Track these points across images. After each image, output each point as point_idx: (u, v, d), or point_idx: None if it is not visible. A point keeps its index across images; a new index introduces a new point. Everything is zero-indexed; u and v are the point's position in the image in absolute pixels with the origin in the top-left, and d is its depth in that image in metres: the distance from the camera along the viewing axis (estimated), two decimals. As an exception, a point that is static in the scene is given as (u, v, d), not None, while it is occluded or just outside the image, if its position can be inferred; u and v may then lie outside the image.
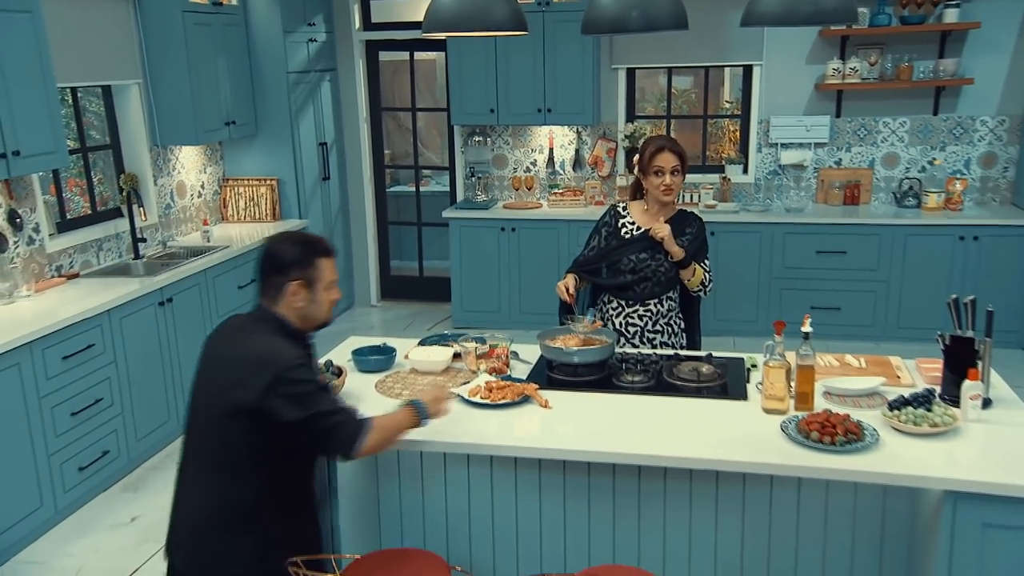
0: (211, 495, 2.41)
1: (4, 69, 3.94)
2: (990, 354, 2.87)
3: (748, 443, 2.69)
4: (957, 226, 5.83)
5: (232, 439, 2.37)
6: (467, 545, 3.15)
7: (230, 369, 2.40)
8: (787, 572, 2.95)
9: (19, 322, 3.93)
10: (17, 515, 3.79)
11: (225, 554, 2.41)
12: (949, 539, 2.52)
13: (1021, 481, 2.43)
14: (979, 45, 6.02)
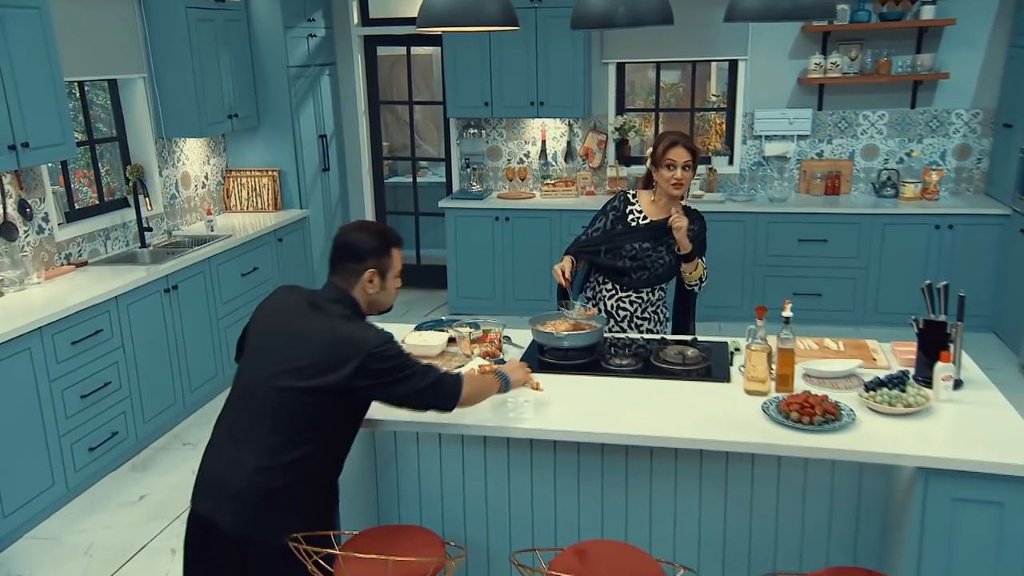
0: (269, 459, 2.39)
1: (13, 63, 3.92)
2: (961, 337, 2.88)
3: (731, 423, 2.70)
4: (933, 215, 5.83)
5: (303, 410, 2.39)
6: (461, 522, 3.16)
7: (320, 347, 2.40)
8: (767, 546, 2.96)
9: (30, 308, 3.93)
10: (30, 493, 3.80)
11: (276, 515, 2.42)
12: (921, 513, 2.53)
13: (989, 458, 2.45)
14: (954, 41, 6.02)
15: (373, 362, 2.36)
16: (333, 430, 2.48)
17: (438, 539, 2.60)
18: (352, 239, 2.55)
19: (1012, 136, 5.72)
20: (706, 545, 3.01)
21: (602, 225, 3.60)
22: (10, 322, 3.72)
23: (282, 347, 2.44)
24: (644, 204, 3.57)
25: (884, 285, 5.95)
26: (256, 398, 2.44)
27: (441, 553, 2.52)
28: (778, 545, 2.96)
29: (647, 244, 3.50)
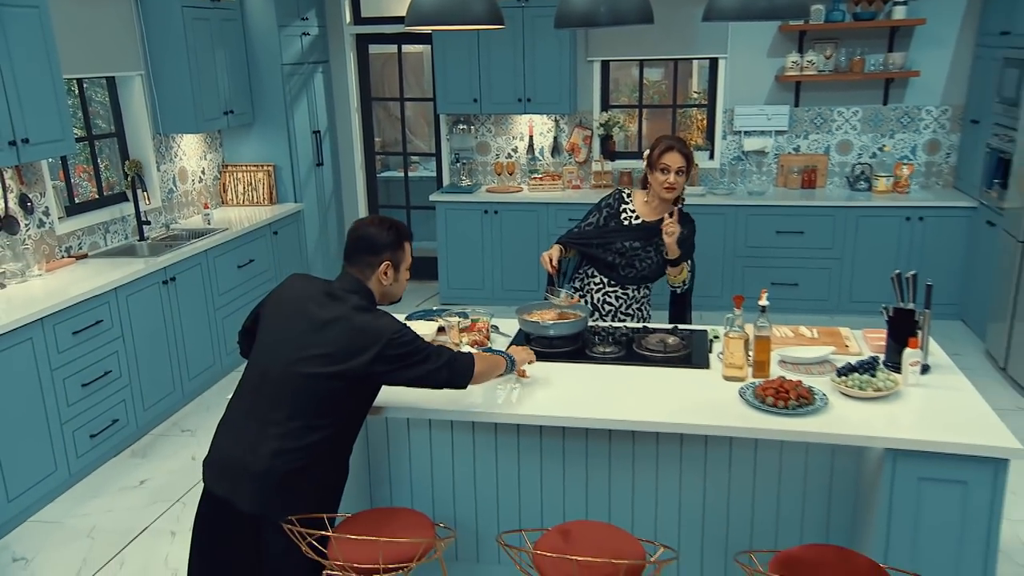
0: (288, 442, 2.42)
1: (13, 61, 3.88)
2: (929, 324, 2.91)
3: (709, 408, 2.72)
4: (904, 208, 5.85)
5: (322, 395, 2.43)
6: (451, 504, 3.18)
7: (338, 336, 2.43)
8: (744, 526, 2.99)
9: (31, 300, 3.91)
10: (33, 479, 3.80)
11: (292, 494, 2.45)
12: (889, 492, 2.56)
13: (953, 439, 2.48)
14: (924, 40, 6.03)
15: (391, 348, 2.41)
16: (349, 414, 2.53)
17: (428, 521, 2.61)
18: (369, 233, 2.58)
19: (979, 132, 5.75)
20: (686, 525, 3.03)
21: (595, 220, 3.60)
22: (12, 313, 3.70)
23: (302, 335, 2.47)
24: (638, 204, 3.56)
25: (858, 275, 5.97)
26: (274, 384, 2.46)
27: (431, 534, 2.52)
28: (754, 524, 2.98)
29: (636, 243, 3.50)
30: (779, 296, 5.01)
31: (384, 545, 2.40)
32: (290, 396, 2.43)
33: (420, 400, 2.81)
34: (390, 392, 2.79)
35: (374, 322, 2.46)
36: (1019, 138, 4.93)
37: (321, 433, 2.45)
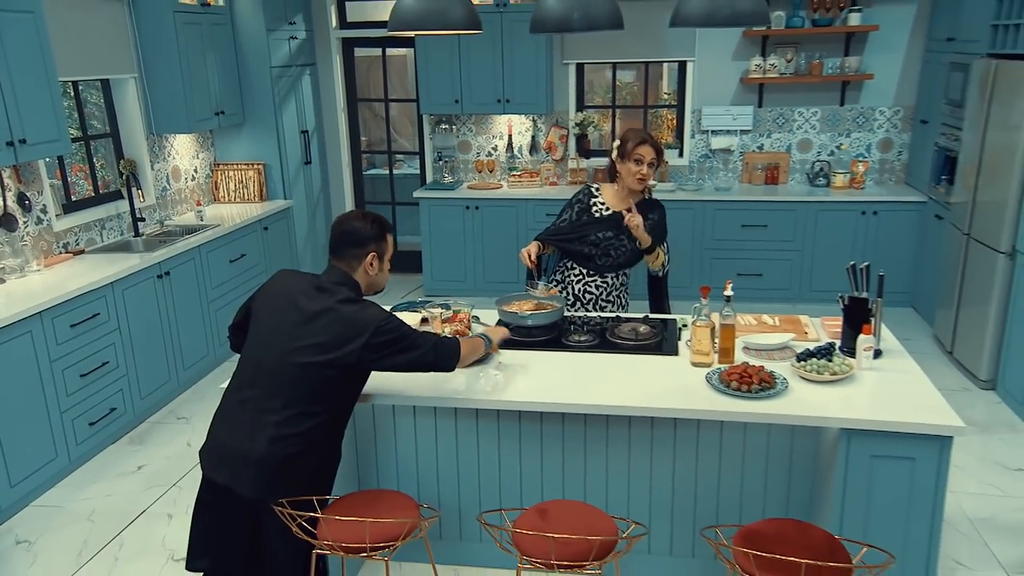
0: (285, 429, 2.42)
1: (9, 65, 3.83)
2: (881, 312, 2.95)
3: (678, 393, 2.73)
4: (859, 203, 5.90)
5: (316, 384, 2.43)
6: (435, 486, 3.18)
7: (328, 327, 2.43)
8: (711, 502, 3.01)
9: (30, 294, 3.87)
10: (35, 465, 3.77)
11: (289, 478, 2.46)
12: (844, 469, 2.59)
13: (903, 419, 2.51)
14: (878, 45, 6.06)
15: (379, 336, 2.42)
16: (341, 400, 2.53)
17: (413, 502, 2.61)
18: (354, 227, 2.57)
19: (928, 131, 5.80)
20: (656, 502, 3.05)
21: (568, 216, 3.59)
22: (12, 307, 3.67)
23: (293, 327, 2.46)
24: (607, 196, 3.56)
25: (817, 265, 6.01)
26: (269, 374, 2.46)
27: (415, 515, 2.52)
28: (720, 500, 3.01)
29: (610, 233, 3.49)
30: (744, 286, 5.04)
31: (371, 525, 2.41)
32: (285, 386, 2.43)
33: (405, 388, 2.81)
34: (376, 380, 2.78)
35: (362, 312, 2.46)
36: (964, 137, 4.99)
37: (316, 419, 2.45)
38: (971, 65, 4.97)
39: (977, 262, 4.76)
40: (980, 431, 4.22)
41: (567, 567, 2.30)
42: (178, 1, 5.21)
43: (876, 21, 5.91)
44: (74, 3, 4.67)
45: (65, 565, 3.35)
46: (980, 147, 4.75)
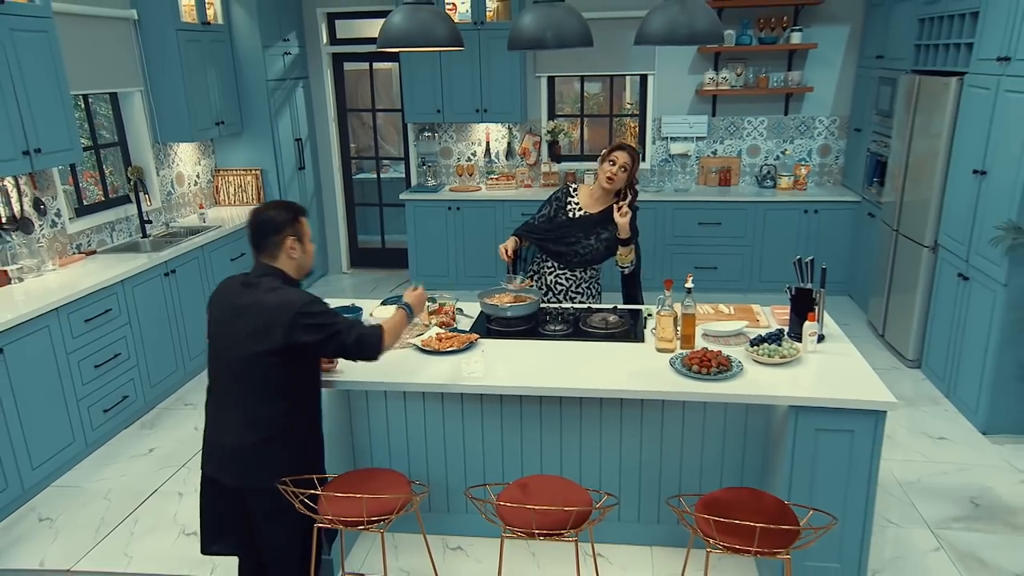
0: (248, 417, 2.38)
1: (25, 80, 3.76)
2: (823, 301, 2.98)
3: (645, 376, 2.74)
4: (802, 202, 5.92)
5: (265, 373, 2.35)
6: (424, 464, 3.17)
7: (254, 318, 2.34)
8: (674, 474, 3.03)
9: (47, 292, 3.80)
10: (54, 448, 3.72)
11: (264, 465, 2.40)
12: (792, 442, 2.62)
13: (843, 396, 2.55)
14: (817, 61, 6.10)
15: (302, 319, 2.32)
16: (295, 387, 2.43)
17: (405, 479, 2.59)
18: (267, 217, 2.45)
19: (861, 138, 5.86)
20: (625, 475, 3.06)
21: (547, 212, 3.57)
22: (31, 304, 3.60)
23: (231, 324, 2.39)
24: (582, 197, 3.54)
25: (766, 259, 6.04)
26: (227, 371, 2.41)
27: (407, 490, 2.52)
28: (683, 472, 3.03)
29: (581, 233, 3.48)
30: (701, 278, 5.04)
31: (368, 501, 2.40)
32: (241, 379, 2.38)
33: (393, 373, 2.79)
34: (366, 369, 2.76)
35: (286, 294, 2.37)
36: (892, 144, 5.04)
37: (276, 406, 2.39)
38: (898, 80, 5.03)
39: (904, 255, 4.82)
40: (907, 405, 4.30)
41: (547, 535, 2.30)
42: (180, 20, 5.12)
43: (815, 40, 5.96)
44: (84, 22, 4.57)
45: (84, 540, 3.31)
46: (906, 153, 4.81)
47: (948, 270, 4.33)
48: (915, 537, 3.19)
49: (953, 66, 4.37)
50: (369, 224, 7.45)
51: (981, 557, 3.07)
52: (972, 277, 4.07)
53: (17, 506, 3.54)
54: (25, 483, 3.55)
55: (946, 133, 4.32)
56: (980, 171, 3.99)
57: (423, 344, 2.99)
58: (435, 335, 3.05)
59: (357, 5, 6.48)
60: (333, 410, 2.98)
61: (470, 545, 3.17)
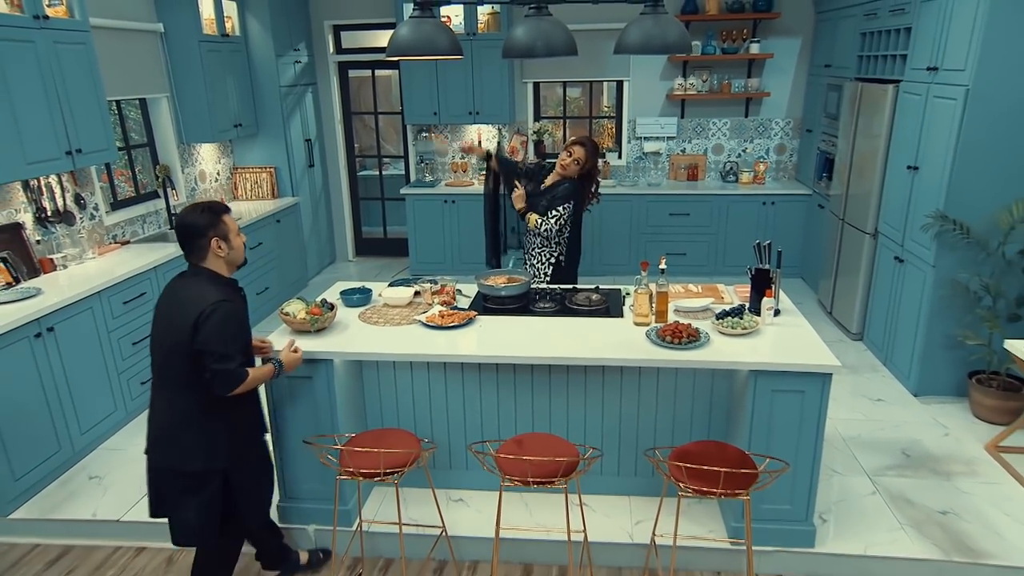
0: (163, 406, 2.35)
1: (67, 88, 3.75)
2: (779, 280, 3.04)
3: (624, 346, 2.79)
4: (761, 195, 5.97)
5: (176, 365, 2.28)
6: (429, 425, 3.18)
7: (173, 317, 2.27)
8: (649, 430, 3.09)
9: (89, 278, 3.82)
10: (100, 416, 3.76)
11: (179, 449, 2.35)
12: (752, 401, 2.69)
13: (795, 361, 2.61)
14: (773, 69, 6.15)
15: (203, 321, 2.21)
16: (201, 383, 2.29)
17: (414, 437, 2.63)
18: (188, 221, 2.32)
19: (812, 138, 5.90)
20: (607, 431, 3.11)
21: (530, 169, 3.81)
22: (75, 288, 3.62)
23: (161, 319, 2.33)
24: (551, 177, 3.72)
25: (729, 245, 6.09)
26: (154, 361, 2.36)
27: (417, 447, 2.55)
28: (657, 428, 3.08)
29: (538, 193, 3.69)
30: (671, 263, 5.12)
31: (384, 455, 2.44)
32: (161, 370, 2.34)
33: (400, 347, 2.81)
34: (379, 341, 2.80)
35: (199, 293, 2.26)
36: (839, 143, 5.08)
37: (188, 397, 2.31)
38: (843, 87, 5.07)
39: (849, 241, 4.88)
40: (851, 372, 4.38)
41: (540, 483, 2.35)
42: (202, 32, 5.09)
43: (771, 50, 6.01)
44: (116, 34, 4.56)
45: (130, 495, 3.35)
46: (851, 151, 4.85)
47: (886, 254, 4.40)
48: (855, 483, 3.29)
49: (890, 75, 4.43)
50: (372, 216, 7.44)
51: (910, 498, 3.18)
52: (906, 260, 4.15)
53: (70, 466, 3.57)
54: (76, 446, 3.59)
55: (884, 134, 4.37)
56: (913, 167, 4.06)
57: (428, 320, 3.01)
58: (438, 312, 3.08)
59: (360, 18, 6.46)
60: (346, 378, 3.02)
61: (470, 497, 3.20)
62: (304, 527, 3.06)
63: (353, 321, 3.10)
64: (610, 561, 2.93)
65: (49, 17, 3.63)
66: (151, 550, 3.11)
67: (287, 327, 3.00)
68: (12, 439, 3.20)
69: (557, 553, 2.93)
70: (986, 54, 3.50)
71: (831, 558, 2.84)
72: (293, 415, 2.93)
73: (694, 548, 2.88)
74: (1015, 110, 3.56)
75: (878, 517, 3.04)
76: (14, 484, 3.22)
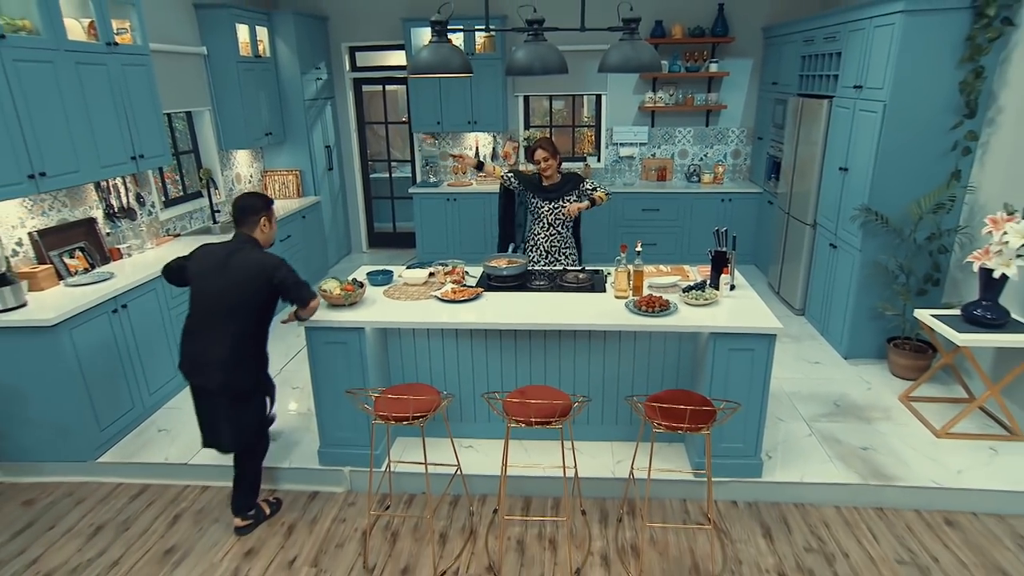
0: (231, 340, 2.62)
1: (132, 103, 3.86)
2: (734, 260, 3.19)
3: (607, 315, 2.92)
4: (720, 193, 6.00)
5: (244, 309, 2.61)
6: (443, 381, 3.29)
7: (245, 270, 2.60)
8: (628, 383, 3.24)
9: (149, 264, 3.93)
10: (164, 380, 3.87)
11: (240, 372, 2.67)
12: (711, 358, 2.85)
13: (747, 325, 2.77)
14: (730, 85, 6.17)
15: (277, 272, 2.63)
16: (260, 321, 2.69)
17: (435, 389, 2.72)
18: (250, 201, 2.71)
19: (762, 145, 5.98)
20: (593, 384, 3.26)
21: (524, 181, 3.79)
22: (139, 273, 3.73)
23: (219, 275, 2.62)
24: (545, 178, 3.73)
25: (693, 236, 6.10)
26: (213, 306, 2.62)
27: (438, 397, 2.66)
28: (634, 381, 3.23)
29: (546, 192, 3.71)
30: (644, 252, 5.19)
31: (413, 402, 2.57)
32: (225, 312, 2.61)
33: (418, 317, 2.91)
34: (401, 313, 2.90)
35: (266, 255, 2.66)
36: (784, 149, 5.15)
37: (248, 332, 2.64)
38: (788, 101, 5.15)
39: (793, 232, 4.97)
40: (793, 340, 4.53)
41: (541, 423, 2.49)
42: (239, 54, 5.18)
43: (728, 69, 6.09)
44: (169, 57, 4.66)
45: (193, 444, 3.47)
46: (794, 156, 4.94)
47: (823, 241, 4.51)
48: (795, 428, 3.48)
49: (825, 91, 4.52)
50: (383, 213, 7.45)
51: (838, 438, 3.40)
52: (839, 246, 4.28)
53: (141, 421, 3.70)
54: (145, 405, 3.72)
55: (821, 141, 4.48)
56: (844, 168, 4.18)
57: (442, 295, 3.12)
58: (450, 289, 3.19)
59: (373, 40, 6.50)
60: (375, 343, 3.12)
61: (479, 444, 3.33)
62: (340, 468, 3.19)
63: (379, 297, 3.20)
64: (596, 493, 3.09)
65: (118, 44, 3.75)
66: (214, 488, 3.27)
67: (324, 301, 3.14)
68: (97, 397, 3.36)
69: (553, 487, 3.08)
70: (899, 76, 3.67)
71: (775, 485, 3.05)
72: (331, 375, 3.06)
73: (664, 480, 3.05)
74: (922, 121, 3.74)
75: (812, 453, 3.24)
76: (100, 434, 3.38)
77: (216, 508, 3.14)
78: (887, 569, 2.69)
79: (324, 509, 3.08)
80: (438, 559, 2.73)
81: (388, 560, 2.75)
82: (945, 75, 3.65)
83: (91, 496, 3.25)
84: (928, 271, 3.95)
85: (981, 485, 3.00)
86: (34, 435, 3.29)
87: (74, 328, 3.21)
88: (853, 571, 2.68)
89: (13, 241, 3.49)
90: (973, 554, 2.76)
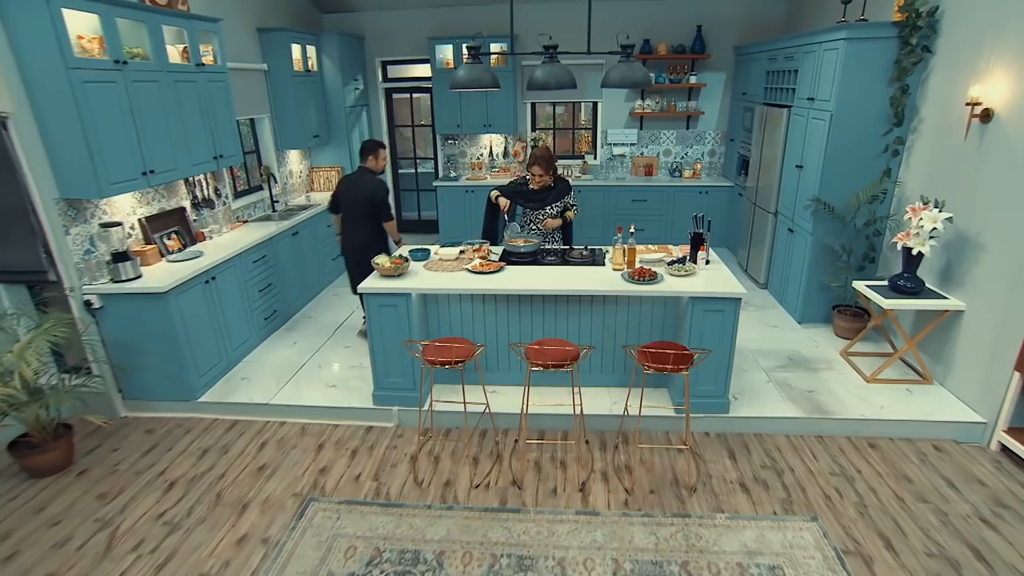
0: (367, 228, 3.89)
1: (214, 112, 4.05)
2: (709, 240, 3.41)
3: (606, 283, 3.15)
4: (698, 186, 6.05)
5: (370, 214, 3.86)
6: (473, 335, 3.50)
7: (363, 188, 3.85)
8: (624, 334, 3.43)
9: (226, 246, 4.11)
10: (242, 340, 4.11)
11: (374, 243, 3.88)
12: (690, 317, 3.09)
13: (719, 291, 2.99)
14: (707, 95, 6.21)
15: (375, 195, 3.85)
16: (377, 217, 3.90)
17: (470, 342, 2.95)
18: (365, 145, 3.94)
19: (734, 145, 5.99)
20: (595, 335, 3.45)
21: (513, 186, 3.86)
22: (221, 252, 3.94)
23: (355, 190, 3.87)
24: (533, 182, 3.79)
25: (675, 224, 6.14)
26: (356, 212, 3.88)
27: (473, 346, 2.89)
28: (628, 335, 3.45)
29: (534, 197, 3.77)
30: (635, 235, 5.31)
31: (455, 349, 2.83)
32: (362, 214, 3.84)
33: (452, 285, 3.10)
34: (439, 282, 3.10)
35: (380, 182, 3.87)
36: (752, 150, 5.23)
37: (373, 225, 3.86)
38: (755, 109, 5.22)
39: (759, 220, 5.08)
40: (757, 309, 4.70)
41: (556, 366, 2.75)
42: (293, 69, 5.28)
43: (705, 81, 6.14)
44: (239, 73, 4.79)
45: (271, 388, 3.73)
46: (760, 155, 5.03)
47: (783, 227, 4.65)
48: (756, 377, 3.72)
49: (785, 101, 4.64)
50: (409, 203, 7.50)
51: (790, 384, 3.66)
52: (795, 231, 4.44)
53: (227, 371, 3.95)
54: (230, 359, 3.98)
55: (781, 143, 4.60)
56: (799, 166, 4.33)
57: (472, 268, 3.36)
58: (478, 263, 3.42)
59: (402, 55, 6.58)
60: (419, 307, 3.35)
61: (503, 390, 3.54)
62: (390, 408, 3.46)
63: (420, 270, 3.43)
64: (597, 427, 3.33)
65: (204, 64, 3.97)
66: (289, 424, 3.56)
67: (378, 273, 3.39)
68: (197, 350, 3.65)
69: (562, 422, 3.33)
70: (842, 90, 3.86)
71: (739, 419, 3.32)
72: (384, 332, 3.31)
73: (652, 416, 3.31)
74: (861, 128, 3.94)
75: (769, 395, 3.52)
76: (199, 379, 3.69)
77: (293, 437, 3.45)
78: (823, 480, 3.03)
79: (379, 439, 3.35)
80: (473, 475, 3.01)
81: (433, 476, 3.04)
82: (878, 91, 3.86)
83: (195, 427, 3.58)
84: (865, 251, 4.18)
85: (897, 417, 3.32)
86: (151, 379, 3.61)
87: (179, 295, 3.49)
88: (797, 482, 3.02)
89: (128, 226, 3.76)
90: (887, 467, 3.10)
